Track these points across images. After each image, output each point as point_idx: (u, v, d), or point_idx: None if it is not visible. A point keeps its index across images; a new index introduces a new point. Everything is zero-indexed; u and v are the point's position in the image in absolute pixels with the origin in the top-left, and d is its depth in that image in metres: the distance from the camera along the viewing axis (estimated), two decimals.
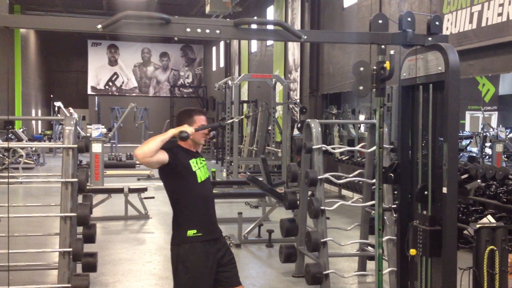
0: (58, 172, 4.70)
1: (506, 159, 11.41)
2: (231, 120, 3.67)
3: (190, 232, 3.22)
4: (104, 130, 11.95)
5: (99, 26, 2.91)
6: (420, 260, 3.39)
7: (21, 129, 18.19)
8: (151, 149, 3.12)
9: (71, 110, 17.37)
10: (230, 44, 23.15)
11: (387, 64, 3.22)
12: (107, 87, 29.45)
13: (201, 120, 3.36)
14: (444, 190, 3.15)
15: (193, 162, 3.30)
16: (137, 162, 3.22)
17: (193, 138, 3.31)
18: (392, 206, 5.18)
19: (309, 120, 5.44)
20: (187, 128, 3.22)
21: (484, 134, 11.95)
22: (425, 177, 3.37)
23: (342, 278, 5.50)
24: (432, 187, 3.31)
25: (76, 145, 4.60)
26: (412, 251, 3.28)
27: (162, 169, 3.24)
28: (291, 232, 5.75)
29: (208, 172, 3.43)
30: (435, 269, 3.32)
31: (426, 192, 3.33)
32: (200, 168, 3.33)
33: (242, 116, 3.39)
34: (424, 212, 3.36)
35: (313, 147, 5.26)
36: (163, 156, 3.17)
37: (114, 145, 18.98)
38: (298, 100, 14.13)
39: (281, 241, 6.50)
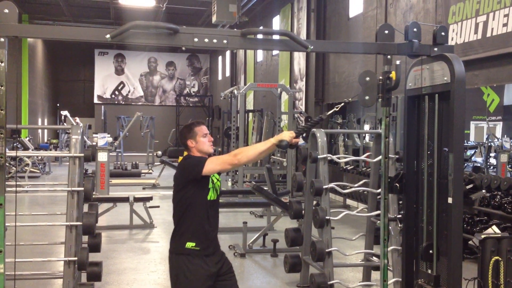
0: (63, 181, 4.73)
1: (510, 169, 11.36)
2: (332, 111, 3.68)
3: (189, 245, 3.25)
4: (110, 139, 11.99)
5: (108, 36, 2.94)
6: None
7: (27, 138, 18.27)
8: (252, 157, 3.21)
9: (77, 119, 17.52)
10: (236, 54, 23.23)
11: (393, 74, 3.23)
12: (113, 96, 29.56)
13: (202, 129, 3.39)
14: (450, 200, 3.15)
15: (213, 179, 3.34)
16: (219, 165, 3.23)
17: (201, 148, 3.34)
18: (398, 216, 5.17)
19: (314, 130, 5.45)
20: (285, 136, 3.22)
21: (489, 144, 11.91)
22: (429, 239, 3.36)
23: None
24: (437, 247, 3.31)
25: (82, 154, 4.62)
26: None
27: (194, 179, 3.25)
28: (296, 242, 5.74)
29: (219, 191, 3.45)
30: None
31: (431, 251, 3.34)
32: (214, 187, 3.36)
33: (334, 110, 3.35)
34: (429, 271, 3.37)
35: (319, 156, 5.27)
36: None
37: (119, 154, 19.02)
38: (304, 110, 14.15)
39: (286, 251, 6.49)
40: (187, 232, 3.28)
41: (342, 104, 3.61)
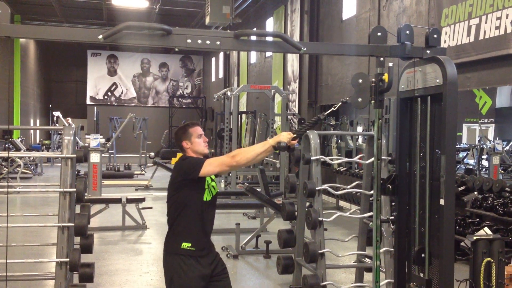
0: (55, 182, 4.71)
1: (502, 172, 11.43)
2: (329, 111, 3.66)
3: (185, 245, 3.24)
4: (103, 140, 11.96)
5: (100, 36, 2.93)
6: None
7: (19, 139, 18.18)
8: (251, 158, 3.19)
9: (69, 120, 17.43)
10: (230, 55, 23.23)
11: (385, 76, 3.24)
12: (106, 97, 29.48)
13: (197, 130, 3.38)
14: (442, 202, 3.16)
15: (207, 180, 3.33)
16: (217, 167, 3.19)
17: (197, 149, 3.34)
18: (390, 218, 5.18)
19: (307, 131, 5.45)
20: (283, 137, 3.21)
21: (481, 146, 11.98)
22: (422, 240, 3.37)
23: None
24: (429, 249, 3.32)
25: (75, 155, 4.60)
26: None
27: (190, 180, 3.23)
28: (288, 243, 5.74)
29: (215, 191, 3.43)
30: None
31: (423, 255, 3.35)
32: (210, 188, 3.35)
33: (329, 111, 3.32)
34: (421, 275, 3.38)
35: (312, 158, 5.28)
36: None
37: (112, 155, 18.97)
38: (297, 111, 14.17)
39: (279, 252, 6.50)
40: (183, 232, 3.27)
41: (340, 104, 3.61)
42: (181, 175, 3.27)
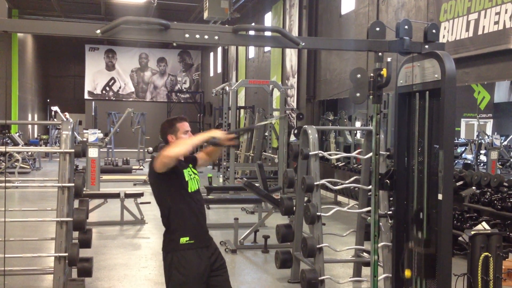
0: (54, 176, 4.71)
1: (500, 167, 11.45)
2: (263, 123, 3.70)
3: (183, 240, 3.23)
4: (101, 135, 11.93)
5: (98, 31, 2.92)
6: (415, 281, 3.40)
7: (17, 134, 18.15)
8: (182, 151, 3.13)
9: (67, 115, 17.40)
10: (228, 50, 23.19)
11: (384, 71, 3.24)
12: (104, 92, 29.43)
13: (184, 126, 3.35)
14: (440, 196, 3.17)
15: (186, 172, 3.31)
16: (158, 163, 3.13)
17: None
18: (388, 213, 5.18)
19: (306, 126, 5.46)
20: (217, 133, 3.22)
21: (479, 141, 12.00)
22: (420, 200, 3.38)
23: (338, 284, 5.50)
24: (427, 210, 3.33)
25: (73, 150, 4.60)
26: (407, 273, 3.30)
27: (162, 175, 3.20)
28: (287, 238, 5.75)
29: (199, 183, 3.42)
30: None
31: (421, 215, 3.36)
32: (192, 179, 3.34)
33: (270, 121, 3.33)
34: (419, 235, 3.39)
35: (310, 153, 5.28)
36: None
37: (110, 150, 18.95)
38: (295, 106, 14.16)
39: (277, 247, 6.51)
40: (178, 228, 3.26)
41: (268, 122, 3.65)
42: (150, 173, 3.28)
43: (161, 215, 3.35)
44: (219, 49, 24.92)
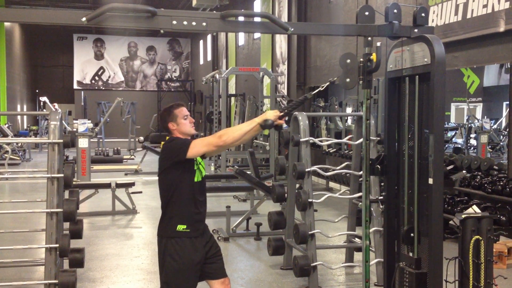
0: (44, 167, 4.66)
1: (490, 150, 11.52)
2: (316, 91, 3.62)
3: (180, 227, 3.23)
4: (91, 125, 11.87)
5: (84, 19, 2.88)
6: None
7: (6, 125, 18.01)
8: (239, 137, 3.17)
9: (56, 105, 17.26)
10: (217, 38, 23.06)
11: (373, 56, 3.23)
12: (93, 81, 29.22)
13: (182, 111, 3.34)
14: (430, 181, 3.17)
15: (197, 160, 3.31)
16: (202, 149, 3.18)
17: (183, 130, 3.30)
18: (379, 198, 5.21)
19: (296, 113, 5.44)
20: (270, 115, 3.18)
21: (469, 125, 12.05)
22: (411, 220, 3.39)
23: (330, 269, 5.53)
24: (418, 228, 3.34)
25: (61, 140, 4.56)
26: None
27: (180, 162, 3.20)
28: (279, 225, 5.76)
29: (204, 173, 3.41)
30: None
31: (412, 234, 3.37)
32: (199, 168, 3.33)
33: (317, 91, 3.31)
34: (410, 254, 3.40)
35: (301, 140, 5.27)
36: None
37: (101, 140, 18.87)
38: (286, 93, 14.13)
39: (269, 234, 6.52)
40: (177, 215, 3.25)
41: (328, 83, 3.59)
42: (169, 157, 3.24)
43: (160, 197, 3.33)
44: (209, 37, 24.78)
